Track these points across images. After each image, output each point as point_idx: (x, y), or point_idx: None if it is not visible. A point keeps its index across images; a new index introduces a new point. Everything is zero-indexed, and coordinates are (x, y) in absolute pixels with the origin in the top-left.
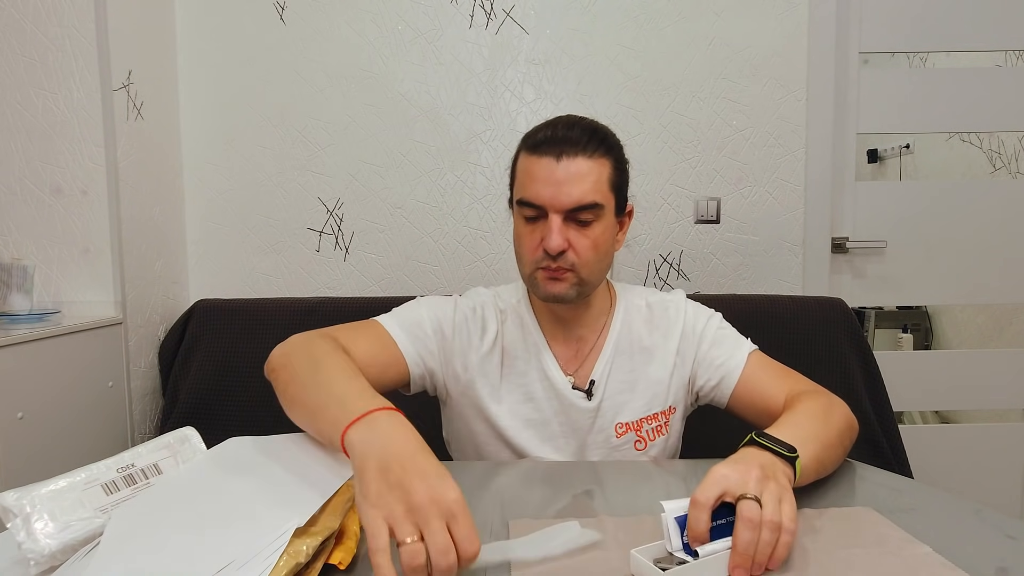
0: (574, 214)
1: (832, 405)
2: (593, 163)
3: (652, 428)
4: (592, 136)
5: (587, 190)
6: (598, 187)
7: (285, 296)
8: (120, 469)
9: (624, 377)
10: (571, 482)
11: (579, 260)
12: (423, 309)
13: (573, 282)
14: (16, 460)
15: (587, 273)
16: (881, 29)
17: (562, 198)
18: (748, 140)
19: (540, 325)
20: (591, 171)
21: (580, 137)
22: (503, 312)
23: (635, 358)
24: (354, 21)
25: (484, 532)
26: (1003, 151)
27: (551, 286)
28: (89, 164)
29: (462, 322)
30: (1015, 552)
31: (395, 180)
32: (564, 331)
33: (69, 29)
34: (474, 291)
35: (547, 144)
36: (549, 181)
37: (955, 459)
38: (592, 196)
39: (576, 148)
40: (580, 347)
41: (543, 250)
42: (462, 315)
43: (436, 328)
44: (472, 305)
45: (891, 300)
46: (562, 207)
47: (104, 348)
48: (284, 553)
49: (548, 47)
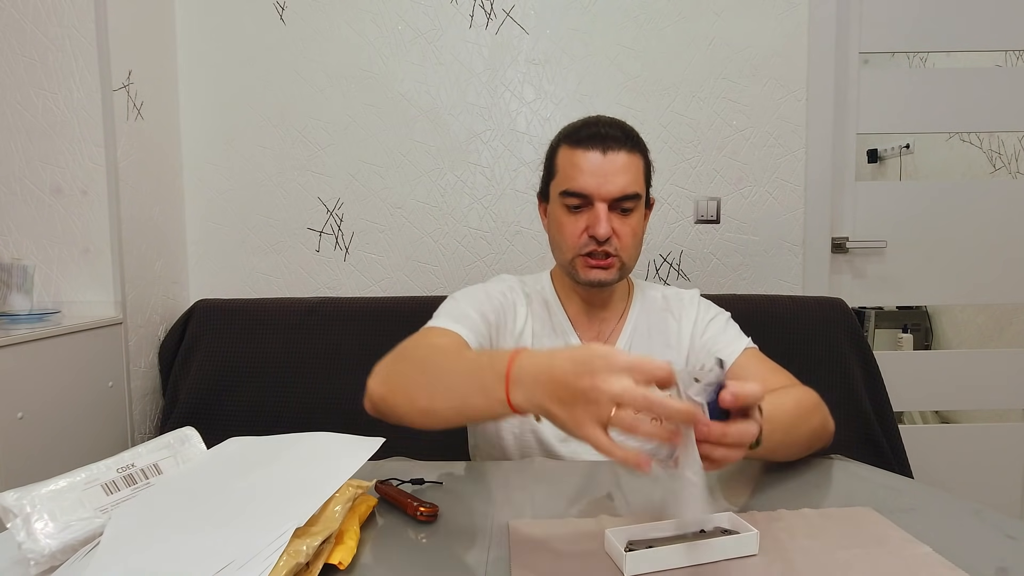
0: (618, 203)
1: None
2: (633, 157)
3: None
4: (629, 134)
5: (630, 181)
6: (638, 179)
7: (285, 296)
8: (120, 469)
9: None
10: (572, 482)
11: (621, 245)
12: (464, 304)
13: (618, 267)
14: (16, 460)
15: (627, 258)
16: (881, 29)
17: (610, 187)
18: (748, 140)
19: (565, 309)
20: (633, 164)
21: (619, 134)
22: (529, 297)
23: (653, 340)
24: (354, 21)
25: (484, 532)
26: (1003, 151)
27: (594, 273)
28: (89, 164)
29: (499, 307)
30: (1015, 552)
31: (395, 180)
32: (588, 315)
33: (69, 29)
34: (499, 278)
35: (593, 139)
36: (597, 172)
37: (955, 459)
38: (634, 187)
39: (618, 143)
40: (602, 328)
41: (588, 237)
42: (497, 301)
43: (483, 317)
44: (502, 290)
45: (891, 300)
46: (609, 196)
47: (104, 348)
48: (284, 553)
49: (548, 47)
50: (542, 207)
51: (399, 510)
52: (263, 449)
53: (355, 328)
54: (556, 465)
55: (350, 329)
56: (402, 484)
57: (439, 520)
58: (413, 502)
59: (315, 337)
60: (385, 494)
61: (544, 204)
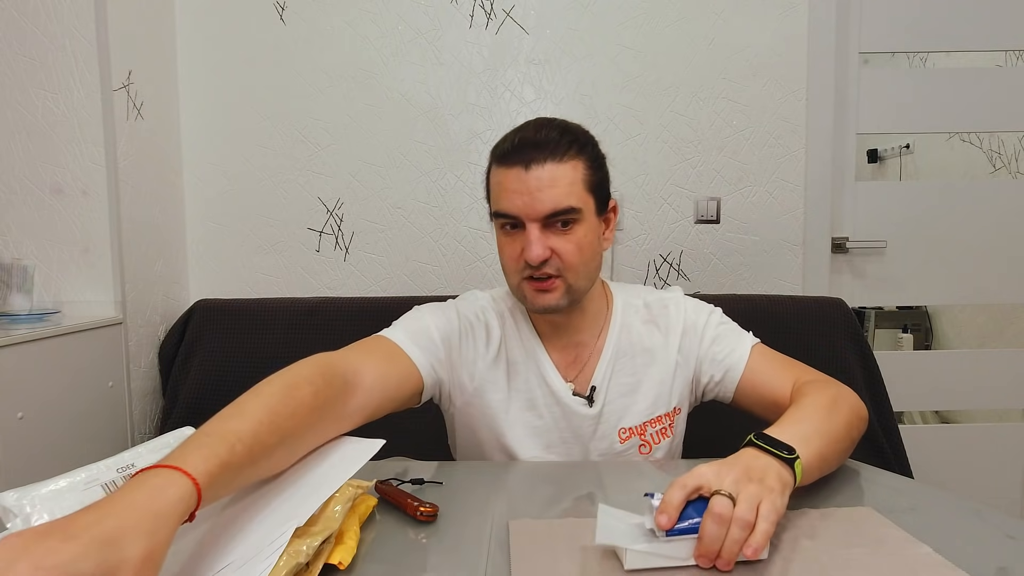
0: (552, 220)
1: (839, 396)
2: (565, 166)
3: (656, 431)
4: (561, 138)
5: (561, 195)
6: (572, 190)
7: (285, 296)
8: (120, 469)
9: (626, 380)
10: (572, 482)
11: (564, 264)
12: (428, 318)
13: (563, 290)
14: (16, 460)
15: (574, 278)
16: (881, 29)
17: (536, 206)
18: (748, 140)
19: (537, 330)
20: (563, 175)
21: (548, 142)
22: (502, 315)
23: (636, 360)
24: (354, 21)
25: (484, 532)
26: (1003, 151)
27: (540, 298)
28: (89, 164)
29: (467, 330)
30: (1015, 552)
31: (395, 180)
32: (561, 337)
33: (69, 29)
34: (471, 295)
35: (515, 153)
36: (521, 191)
37: (955, 459)
38: (567, 200)
39: (544, 154)
40: (579, 352)
41: (525, 260)
42: (467, 323)
43: (444, 337)
44: (474, 311)
45: (891, 300)
46: (537, 215)
47: (104, 348)
48: (284, 553)
49: (548, 47)
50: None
51: (399, 510)
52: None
53: (355, 328)
54: (556, 465)
55: (350, 329)
56: (402, 484)
57: (439, 520)
58: (413, 502)
59: (315, 337)
60: (385, 494)
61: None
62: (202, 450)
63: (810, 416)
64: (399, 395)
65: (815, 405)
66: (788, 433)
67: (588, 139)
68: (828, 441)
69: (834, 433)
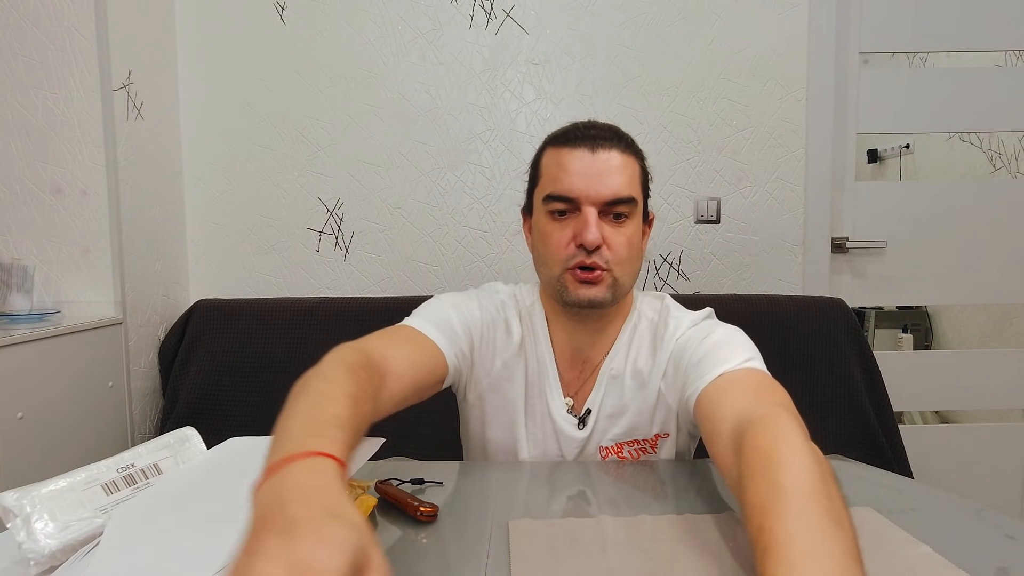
0: (610, 208)
1: (827, 491)
2: (627, 159)
3: (635, 449)
4: (623, 137)
5: (624, 183)
6: (633, 182)
7: (285, 296)
8: (120, 469)
9: (615, 403)
10: (571, 482)
11: (614, 258)
12: (448, 308)
13: (608, 284)
14: (16, 460)
15: (621, 273)
16: (881, 29)
17: (600, 188)
18: (748, 140)
19: (551, 334)
20: (627, 165)
21: (611, 134)
22: (521, 314)
23: (627, 383)
24: (354, 21)
25: (484, 533)
26: (1003, 151)
27: (584, 290)
28: (89, 164)
29: (489, 324)
30: (1015, 552)
31: (395, 180)
32: (571, 349)
33: (69, 29)
34: (492, 287)
35: (581, 137)
36: (585, 172)
37: (955, 459)
38: (628, 190)
39: (610, 142)
40: (583, 368)
41: (575, 246)
42: (488, 316)
43: (465, 328)
44: (495, 305)
45: (891, 300)
46: (599, 199)
47: (104, 348)
48: None
49: (548, 47)
50: (526, 224)
51: (399, 510)
52: (263, 449)
53: (355, 328)
54: (555, 465)
55: (350, 329)
56: (402, 484)
57: (439, 520)
58: (413, 502)
59: (315, 337)
60: (385, 494)
61: (528, 219)
62: (323, 436)
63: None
64: (427, 382)
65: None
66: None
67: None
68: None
69: (849, 547)
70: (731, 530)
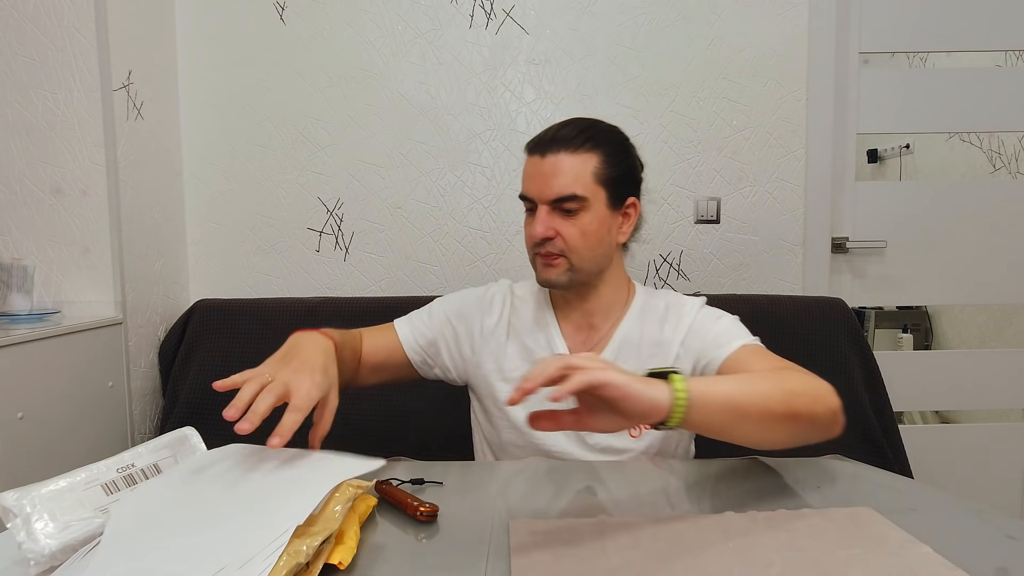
0: (559, 204)
1: (798, 376)
2: (576, 158)
3: None
4: (580, 133)
5: (567, 183)
6: (579, 180)
7: (285, 296)
8: (120, 469)
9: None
10: (572, 482)
11: (567, 247)
12: (436, 303)
13: (565, 268)
14: (16, 460)
15: (577, 259)
16: (881, 29)
17: (546, 190)
18: (748, 140)
19: (554, 306)
20: (572, 166)
21: (568, 135)
22: (517, 297)
23: (642, 351)
24: (354, 21)
25: (484, 533)
26: (1003, 151)
27: (544, 271)
28: (89, 164)
29: (469, 306)
30: (1015, 552)
31: (395, 180)
32: (574, 313)
33: (69, 29)
34: (498, 281)
35: (537, 145)
36: (535, 176)
37: (955, 459)
38: (572, 188)
39: (560, 145)
40: (590, 334)
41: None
42: (470, 301)
43: (443, 318)
44: (483, 292)
45: (891, 300)
46: (546, 198)
47: (104, 348)
48: (284, 553)
49: (548, 47)
50: None
51: (399, 510)
52: (263, 451)
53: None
54: (555, 465)
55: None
56: (402, 484)
57: (439, 520)
58: (413, 502)
59: None
60: (385, 494)
61: None
62: (324, 328)
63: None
64: (390, 361)
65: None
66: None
67: (611, 138)
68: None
69: (763, 393)
70: (731, 530)
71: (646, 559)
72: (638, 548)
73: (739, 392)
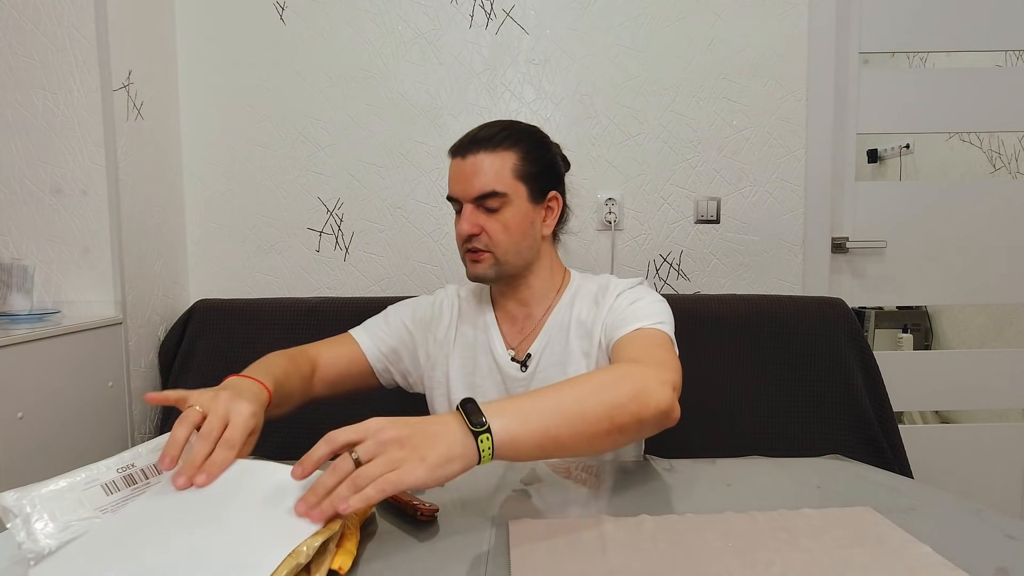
0: (481, 202)
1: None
2: (494, 157)
3: None
4: (499, 133)
5: (488, 181)
6: (499, 177)
7: (285, 296)
8: (120, 469)
9: (559, 350)
10: (572, 482)
11: (491, 242)
12: (390, 310)
13: (491, 262)
14: (16, 460)
15: (502, 253)
16: (881, 29)
17: (468, 189)
18: (748, 140)
19: (494, 304)
20: (491, 164)
21: (486, 136)
22: (463, 299)
23: (571, 333)
24: (354, 21)
25: (484, 533)
26: (1003, 151)
27: (472, 267)
28: (89, 164)
29: (423, 314)
30: (1015, 552)
31: (395, 180)
32: (509, 306)
33: (69, 29)
34: (444, 287)
35: (458, 147)
36: (459, 177)
37: (955, 459)
38: (492, 185)
39: (479, 146)
40: (525, 324)
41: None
42: (423, 309)
43: (400, 325)
44: (433, 298)
45: (891, 300)
46: (469, 197)
47: (104, 348)
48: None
49: (548, 47)
50: None
51: (399, 510)
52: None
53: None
54: (556, 465)
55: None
56: None
57: (439, 520)
58: (413, 502)
59: (315, 337)
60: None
61: None
62: (256, 374)
63: (564, 391)
64: (351, 371)
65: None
66: (521, 404)
67: (528, 136)
68: (568, 420)
69: (583, 416)
70: (731, 530)
71: (646, 559)
72: (638, 548)
73: (555, 424)
